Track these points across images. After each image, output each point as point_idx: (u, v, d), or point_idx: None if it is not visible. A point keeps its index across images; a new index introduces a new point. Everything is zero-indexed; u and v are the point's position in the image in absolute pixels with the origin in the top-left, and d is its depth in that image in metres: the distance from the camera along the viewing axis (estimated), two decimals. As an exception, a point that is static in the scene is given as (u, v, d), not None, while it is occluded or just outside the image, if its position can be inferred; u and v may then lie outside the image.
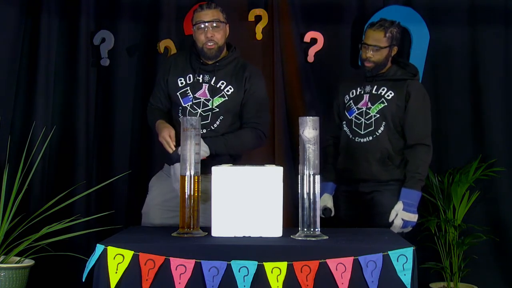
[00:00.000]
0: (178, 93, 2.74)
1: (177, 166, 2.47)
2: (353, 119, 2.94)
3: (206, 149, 2.57)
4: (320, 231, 2.13)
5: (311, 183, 2.11)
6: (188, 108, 2.71)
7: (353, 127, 2.94)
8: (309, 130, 2.12)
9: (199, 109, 2.70)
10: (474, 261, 3.48)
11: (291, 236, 2.13)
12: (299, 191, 2.14)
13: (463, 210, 3.46)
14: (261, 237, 2.12)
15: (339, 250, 1.96)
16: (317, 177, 2.12)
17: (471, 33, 3.68)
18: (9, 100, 3.49)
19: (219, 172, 2.15)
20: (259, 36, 3.69)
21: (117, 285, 1.92)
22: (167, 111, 2.84)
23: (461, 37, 3.69)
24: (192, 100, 2.72)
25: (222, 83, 2.72)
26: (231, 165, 2.37)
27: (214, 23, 2.68)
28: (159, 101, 2.83)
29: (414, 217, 2.80)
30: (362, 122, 2.92)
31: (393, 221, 2.78)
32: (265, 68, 3.62)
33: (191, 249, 1.96)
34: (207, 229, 2.18)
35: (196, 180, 2.19)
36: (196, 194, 2.19)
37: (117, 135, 3.66)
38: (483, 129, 3.66)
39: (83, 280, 1.99)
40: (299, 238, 2.10)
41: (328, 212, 3.00)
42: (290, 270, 1.92)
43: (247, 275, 1.91)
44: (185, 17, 3.66)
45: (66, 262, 3.29)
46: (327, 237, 2.11)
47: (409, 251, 1.95)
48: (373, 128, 2.89)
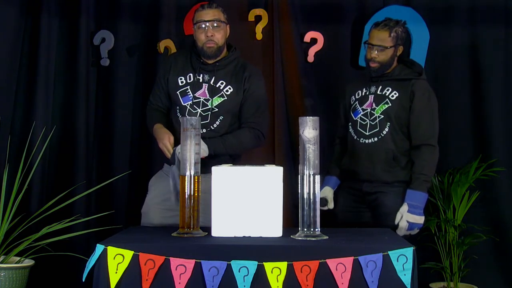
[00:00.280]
0: (178, 92, 2.74)
1: (174, 169, 2.46)
2: (358, 120, 2.92)
3: (205, 147, 2.56)
4: (320, 231, 2.13)
5: (311, 183, 2.11)
6: (188, 107, 2.71)
7: (358, 128, 2.91)
8: (309, 130, 2.12)
9: (198, 108, 2.70)
10: (474, 261, 3.47)
11: (291, 236, 2.13)
12: (299, 191, 2.14)
13: (463, 210, 3.46)
14: (261, 237, 2.12)
15: (339, 250, 1.96)
16: (317, 177, 2.12)
17: (471, 33, 3.68)
18: (9, 100, 3.49)
19: (219, 172, 2.15)
20: (259, 36, 3.68)
21: (117, 285, 1.92)
22: (166, 112, 2.84)
23: (461, 37, 3.68)
24: (192, 99, 2.72)
25: (222, 83, 2.72)
26: (231, 165, 2.37)
27: (215, 22, 2.69)
28: (159, 100, 2.83)
29: (420, 219, 2.75)
30: (367, 123, 2.89)
31: (398, 224, 2.74)
32: (265, 68, 3.62)
33: (191, 249, 1.97)
34: (207, 229, 2.19)
35: (196, 180, 2.19)
36: (196, 194, 2.19)
37: (117, 135, 3.66)
38: (483, 129, 3.66)
39: (83, 280, 1.99)
40: (299, 238, 2.10)
41: (323, 202, 2.97)
42: (290, 270, 1.92)
43: (247, 275, 1.91)
44: (185, 17, 3.66)
45: (66, 262, 3.29)
46: (327, 237, 2.11)
47: (409, 251, 1.95)
48: (378, 129, 2.86)
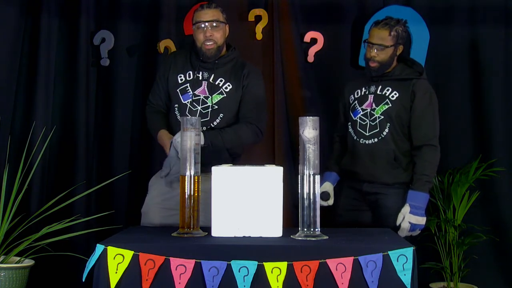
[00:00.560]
0: (177, 90, 2.75)
1: (170, 157, 2.47)
2: (358, 120, 2.90)
3: (201, 137, 2.53)
4: (320, 231, 2.13)
5: (311, 183, 2.11)
6: (188, 105, 2.71)
7: (358, 128, 2.89)
8: (309, 130, 2.12)
9: (198, 106, 2.71)
10: (474, 261, 3.47)
11: (291, 236, 2.13)
12: (299, 191, 2.14)
13: (463, 210, 3.45)
14: (261, 237, 2.12)
15: (339, 250, 1.96)
16: (317, 177, 2.12)
17: (471, 33, 3.68)
18: (9, 100, 3.49)
19: (219, 172, 2.15)
20: (259, 36, 3.68)
21: (117, 285, 1.92)
22: (166, 113, 2.84)
23: (461, 37, 3.68)
24: (191, 97, 2.72)
25: (221, 80, 2.73)
26: (231, 165, 2.37)
27: (214, 23, 2.69)
28: (158, 99, 2.83)
29: (422, 220, 2.73)
30: (367, 123, 2.87)
31: (400, 225, 2.73)
32: (265, 68, 3.61)
33: (191, 249, 1.97)
34: (207, 229, 2.19)
35: (196, 180, 2.19)
36: (196, 194, 2.19)
37: (117, 135, 3.66)
38: (483, 129, 3.65)
39: (83, 280, 1.99)
40: (299, 238, 2.10)
41: (326, 196, 2.96)
42: (290, 270, 1.92)
43: (247, 275, 1.91)
44: (185, 17, 3.66)
45: (66, 262, 3.29)
46: (327, 237, 2.11)
47: (409, 251, 1.95)
48: (378, 129, 2.84)
